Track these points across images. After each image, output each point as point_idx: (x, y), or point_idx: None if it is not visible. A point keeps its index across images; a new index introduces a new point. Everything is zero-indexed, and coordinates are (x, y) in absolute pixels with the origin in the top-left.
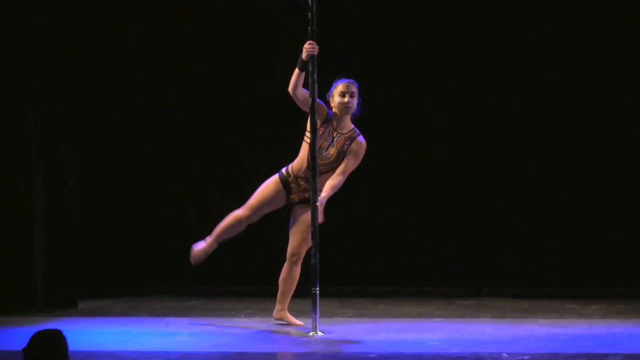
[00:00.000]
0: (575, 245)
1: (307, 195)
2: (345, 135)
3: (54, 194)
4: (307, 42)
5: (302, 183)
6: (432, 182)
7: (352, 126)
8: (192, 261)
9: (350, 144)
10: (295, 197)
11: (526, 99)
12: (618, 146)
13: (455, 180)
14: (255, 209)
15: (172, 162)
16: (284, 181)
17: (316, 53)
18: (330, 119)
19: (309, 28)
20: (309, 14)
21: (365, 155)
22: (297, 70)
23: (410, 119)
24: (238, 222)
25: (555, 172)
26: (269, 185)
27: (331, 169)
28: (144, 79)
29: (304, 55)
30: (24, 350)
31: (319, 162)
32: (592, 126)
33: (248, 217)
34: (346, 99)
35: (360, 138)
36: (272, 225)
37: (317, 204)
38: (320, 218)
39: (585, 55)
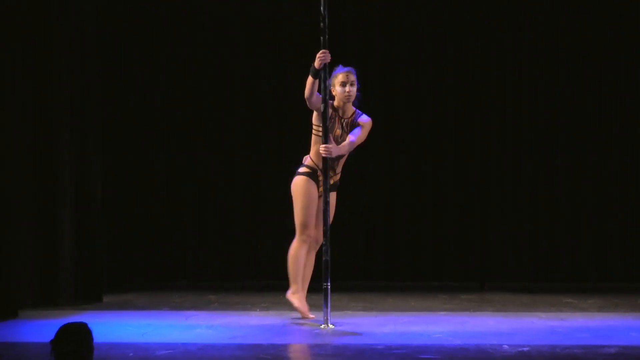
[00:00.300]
0: (573, 243)
1: (331, 182)
2: (351, 119)
3: (81, 193)
4: (320, 51)
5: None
6: (437, 184)
7: (354, 109)
8: (307, 317)
9: (356, 124)
10: (321, 187)
11: (526, 98)
12: (616, 146)
13: (459, 182)
14: (310, 221)
15: (190, 162)
16: (313, 175)
17: (329, 61)
18: (335, 109)
19: (321, 37)
20: (322, 24)
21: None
22: (310, 78)
23: (410, 118)
24: (304, 250)
25: (552, 172)
26: (304, 190)
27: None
28: (165, 82)
29: (316, 63)
30: (52, 342)
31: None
32: (589, 126)
33: (308, 235)
34: (347, 89)
35: (364, 117)
36: (284, 222)
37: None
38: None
39: (587, 56)
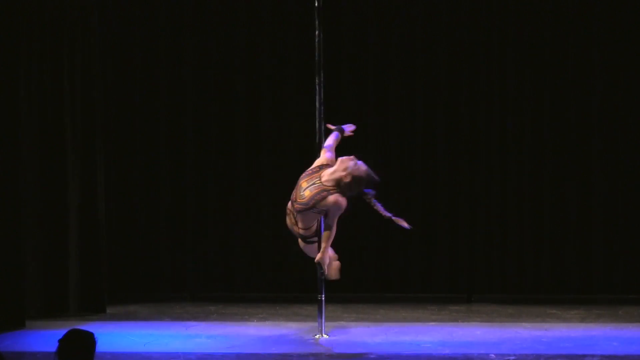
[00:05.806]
0: (557, 256)
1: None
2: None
3: (86, 209)
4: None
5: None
6: (427, 200)
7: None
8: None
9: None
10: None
11: (510, 113)
12: (599, 161)
13: (448, 197)
14: None
15: (191, 176)
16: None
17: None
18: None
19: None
20: (316, 42)
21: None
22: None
23: (399, 128)
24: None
25: (537, 187)
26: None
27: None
28: (168, 97)
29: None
30: (60, 341)
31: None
32: (574, 142)
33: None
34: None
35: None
36: (283, 236)
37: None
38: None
39: (591, 61)
